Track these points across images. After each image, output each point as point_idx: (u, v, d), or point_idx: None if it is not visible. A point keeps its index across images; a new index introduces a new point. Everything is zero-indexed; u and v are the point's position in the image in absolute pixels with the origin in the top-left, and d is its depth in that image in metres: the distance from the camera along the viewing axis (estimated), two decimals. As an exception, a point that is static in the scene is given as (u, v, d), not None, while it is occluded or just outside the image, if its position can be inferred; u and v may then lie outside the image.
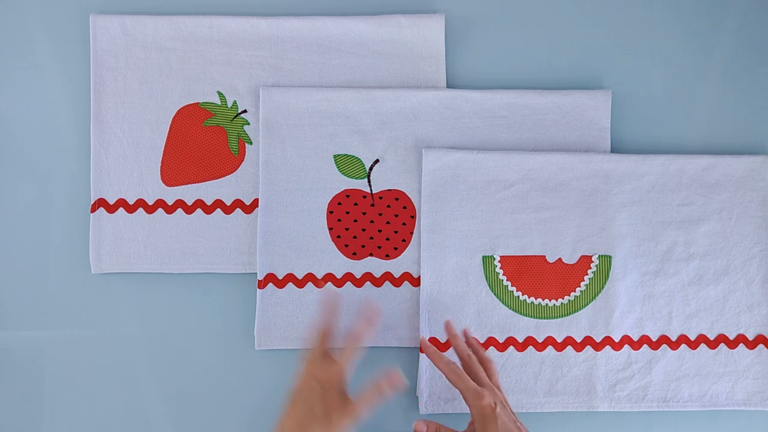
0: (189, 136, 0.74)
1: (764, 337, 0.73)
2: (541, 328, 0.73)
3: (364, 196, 0.74)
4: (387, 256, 0.73)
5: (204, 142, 0.74)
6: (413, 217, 0.74)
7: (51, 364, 0.73)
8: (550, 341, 0.73)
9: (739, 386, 0.73)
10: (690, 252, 0.74)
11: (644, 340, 0.73)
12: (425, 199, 0.73)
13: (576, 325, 0.73)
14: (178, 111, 0.74)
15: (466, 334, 0.70)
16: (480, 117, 0.74)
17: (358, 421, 0.59)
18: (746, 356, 0.73)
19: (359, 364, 0.74)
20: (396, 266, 0.73)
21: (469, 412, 0.72)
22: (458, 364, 0.65)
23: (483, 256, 0.73)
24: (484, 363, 0.66)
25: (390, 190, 0.74)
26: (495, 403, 0.60)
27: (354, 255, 0.73)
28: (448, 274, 0.73)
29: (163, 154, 0.74)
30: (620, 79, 0.77)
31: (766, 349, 0.73)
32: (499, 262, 0.73)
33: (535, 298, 0.73)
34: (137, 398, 0.73)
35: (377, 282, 0.73)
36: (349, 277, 0.73)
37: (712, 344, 0.73)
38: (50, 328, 0.73)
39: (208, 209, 0.74)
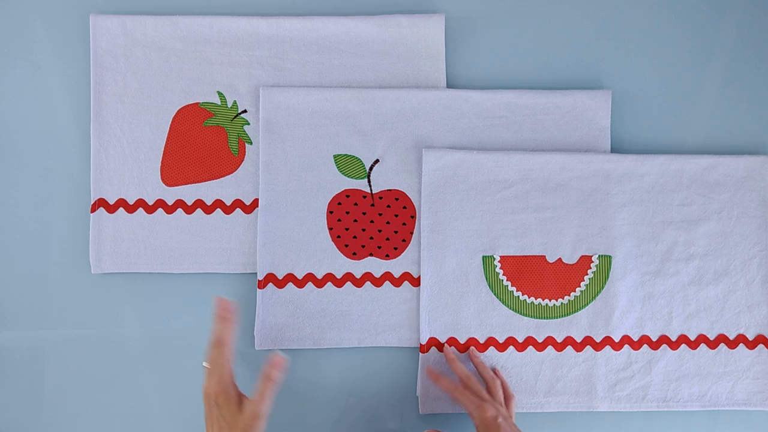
0: (189, 136, 0.74)
1: (764, 337, 0.73)
2: (541, 328, 0.73)
3: (364, 196, 0.74)
4: (387, 256, 0.73)
5: (204, 142, 0.74)
6: (413, 217, 0.74)
7: (51, 364, 0.73)
8: (550, 341, 0.73)
9: (739, 386, 0.73)
10: (690, 252, 0.74)
11: (644, 340, 0.73)
12: (425, 199, 0.73)
13: (576, 325, 0.73)
14: (178, 111, 0.74)
15: (472, 355, 0.72)
16: (480, 117, 0.74)
17: (263, 417, 0.59)
18: (746, 356, 0.73)
19: (360, 365, 0.74)
20: (396, 266, 0.73)
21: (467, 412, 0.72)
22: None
23: (483, 256, 0.73)
24: (487, 382, 0.69)
25: (390, 190, 0.74)
26: (497, 415, 0.62)
27: (354, 255, 0.73)
28: (448, 274, 0.73)
29: (163, 154, 0.74)
30: (620, 79, 0.77)
31: (766, 349, 0.73)
32: (499, 262, 0.73)
33: (535, 298, 0.73)
34: (137, 398, 0.73)
35: (377, 282, 0.73)
36: (349, 277, 0.73)
37: (712, 344, 0.73)
38: (50, 328, 0.73)
39: (208, 209, 0.74)
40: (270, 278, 0.73)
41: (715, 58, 0.77)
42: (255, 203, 0.74)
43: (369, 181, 0.74)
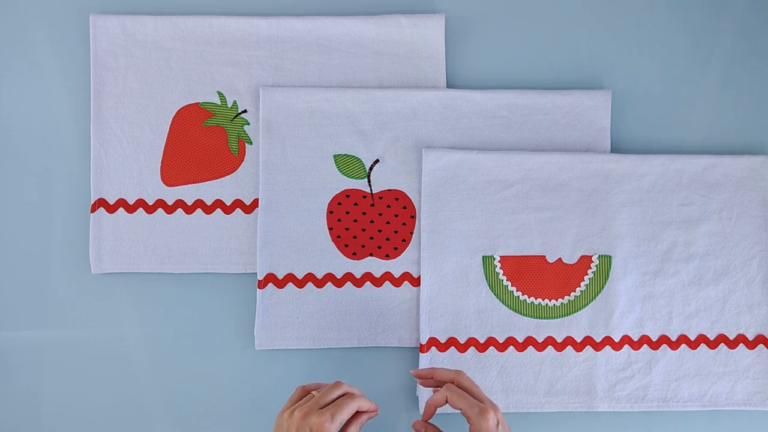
0: (189, 136, 0.74)
1: (764, 337, 0.73)
2: (541, 328, 0.73)
3: (364, 196, 0.74)
4: (387, 256, 0.73)
5: (204, 142, 0.74)
6: (413, 217, 0.74)
7: (51, 364, 0.73)
8: (550, 341, 0.73)
9: (739, 386, 0.73)
10: (690, 252, 0.74)
11: (644, 340, 0.73)
12: (425, 199, 0.73)
13: (576, 325, 0.73)
14: (178, 111, 0.74)
15: (417, 375, 0.67)
16: (480, 117, 0.74)
17: None
18: (746, 356, 0.73)
19: (360, 365, 0.74)
20: (396, 266, 0.73)
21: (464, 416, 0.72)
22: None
23: (483, 256, 0.73)
24: (455, 381, 0.64)
25: (390, 190, 0.74)
26: (498, 421, 0.59)
27: (354, 255, 0.73)
28: (448, 274, 0.73)
29: (163, 154, 0.74)
30: (620, 79, 0.77)
31: (766, 349, 0.73)
32: (499, 262, 0.73)
33: (535, 298, 0.73)
34: (137, 398, 0.73)
35: (377, 282, 0.73)
36: (349, 277, 0.73)
37: (712, 344, 0.73)
38: (50, 328, 0.73)
39: (208, 209, 0.74)
40: (270, 278, 0.73)
41: (715, 58, 0.77)
42: (255, 203, 0.74)
43: (369, 181, 0.74)
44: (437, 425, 0.65)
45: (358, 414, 0.61)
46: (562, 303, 0.73)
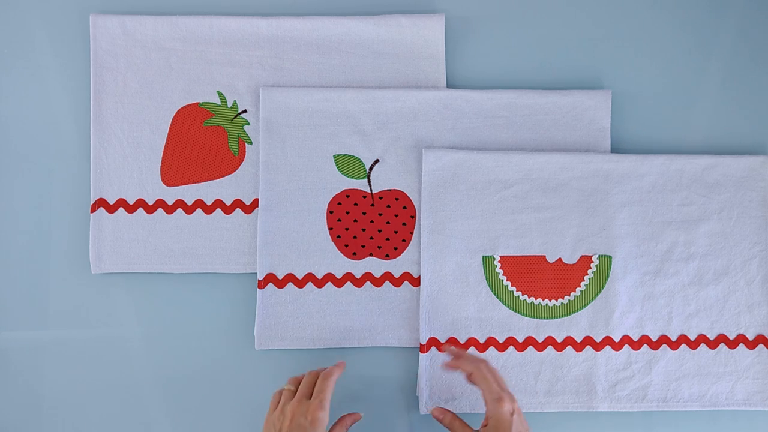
0: (189, 136, 0.74)
1: (764, 337, 0.73)
2: (541, 328, 0.73)
3: (364, 196, 0.74)
4: (387, 256, 0.73)
5: (204, 142, 0.74)
6: (413, 217, 0.74)
7: (51, 364, 0.73)
8: (550, 341, 0.73)
9: (739, 386, 0.73)
10: (690, 252, 0.74)
11: (644, 340, 0.73)
12: (425, 199, 0.73)
13: (576, 325, 0.73)
14: (178, 111, 0.74)
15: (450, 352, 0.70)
16: (480, 117, 0.74)
17: None
18: (746, 356, 0.73)
19: (360, 365, 0.74)
20: (396, 266, 0.73)
21: (469, 412, 0.72)
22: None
23: (483, 256, 0.73)
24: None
25: (390, 190, 0.74)
26: (513, 410, 0.61)
27: (354, 255, 0.73)
28: (448, 274, 0.73)
29: (163, 154, 0.74)
30: (620, 79, 0.77)
31: (766, 349, 0.73)
32: (499, 262, 0.73)
33: (535, 298, 0.73)
34: (137, 398, 0.73)
35: (377, 282, 0.73)
36: (349, 277, 0.73)
37: (712, 344, 0.73)
38: (50, 328, 0.73)
39: (208, 209, 0.74)
40: (270, 278, 0.73)
41: (715, 58, 0.77)
42: (255, 203, 0.74)
43: (369, 181, 0.74)
44: (440, 428, 0.65)
45: (342, 419, 0.66)
46: (562, 303, 0.73)
